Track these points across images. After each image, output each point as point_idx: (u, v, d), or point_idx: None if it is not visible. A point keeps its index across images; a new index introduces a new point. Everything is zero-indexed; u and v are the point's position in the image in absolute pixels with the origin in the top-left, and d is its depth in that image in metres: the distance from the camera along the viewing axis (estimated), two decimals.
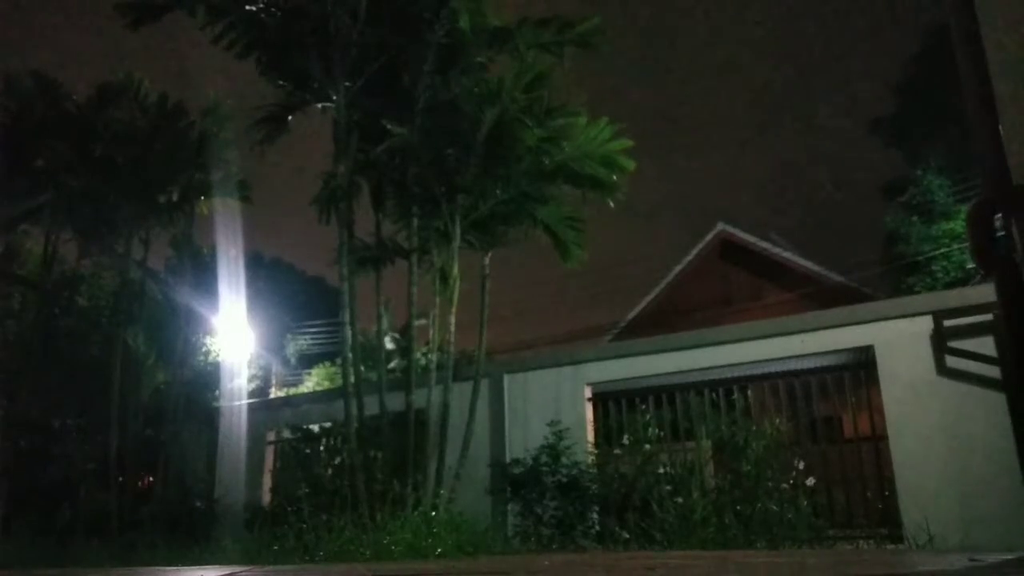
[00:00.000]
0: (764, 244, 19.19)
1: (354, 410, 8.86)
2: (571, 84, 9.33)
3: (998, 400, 6.81)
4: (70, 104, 12.57)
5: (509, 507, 8.57)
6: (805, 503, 6.98)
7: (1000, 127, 1.88)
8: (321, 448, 11.67)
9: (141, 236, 12.65)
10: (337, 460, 10.91)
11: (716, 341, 8.72)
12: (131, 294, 12.31)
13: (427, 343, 10.00)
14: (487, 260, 9.90)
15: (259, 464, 12.01)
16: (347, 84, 9.30)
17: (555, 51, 9.03)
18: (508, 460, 8.80)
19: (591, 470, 8.19)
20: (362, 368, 9.70)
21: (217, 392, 14.21)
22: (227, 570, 5.72)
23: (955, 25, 2.02)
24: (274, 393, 24.24)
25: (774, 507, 6.93)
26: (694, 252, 19.95)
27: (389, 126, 9.74)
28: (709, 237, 19.79)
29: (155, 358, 12.29)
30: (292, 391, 22.77)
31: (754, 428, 7.44)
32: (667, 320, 17.06)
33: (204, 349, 13.88)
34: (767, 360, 8.39)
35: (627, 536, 7.30)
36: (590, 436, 9.03)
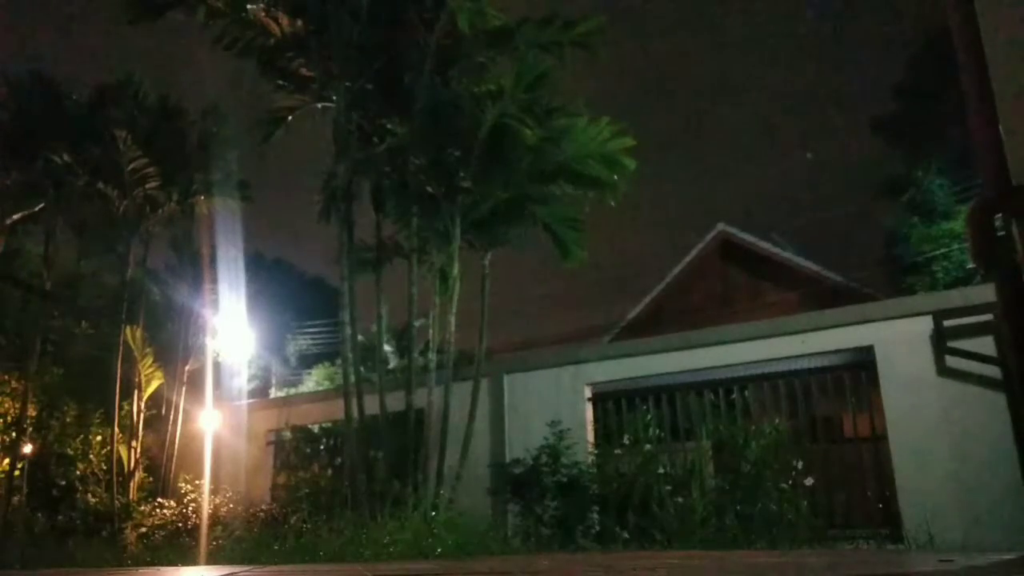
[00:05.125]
0: (764, 244, 19.16)
1: (354, 410, 8.87)
2: (572, 84, 9.33)
3: (998, 400, 6.82)
4: (70, 104, 12.56)
5: (509, 507, 8.57)
6: (805, 503, 6.98)
7: (1000, 127, 1.88)
8: (321, 448, 11.68)
9: (141, 236, 12.64)
10: (337, 460, 10.92)
11: (716, 341, 8.72)
12: (131, 294, 12.30)
13: (427, 343, 10.00)
14: (487, 260, 9.90)
15: (259, 464, 12.01)
16: (347, 84, 9.31)
17: (555, 51, 9.02)
18: (508, 460, 8.80)
19: (591, 470, 8.19)
20: (362, 368, 9.70)
21: (217, 392, 14.18)
22: (227, 570, 5.72)
23: (955, 26, 2.02)
24: (274, 393, 24.22)
25: (774, 507, 6.93)
26: (694, 252, 19.91)
27: (389, 126, 9.75)
28: (709, 237, 19.75)
29: (155, 358, 12.27)
30: (292, 391, 22.75)
31: (754, 428, 7.43)
32: (667, 320, 17.06)
33: (204, 349, 13.86)
34: (767, 360, 8.39)
35: (627, 536, 7.30)
36: (590, 436, 9.03)
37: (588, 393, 9.37)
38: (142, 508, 10.92)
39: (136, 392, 11.88)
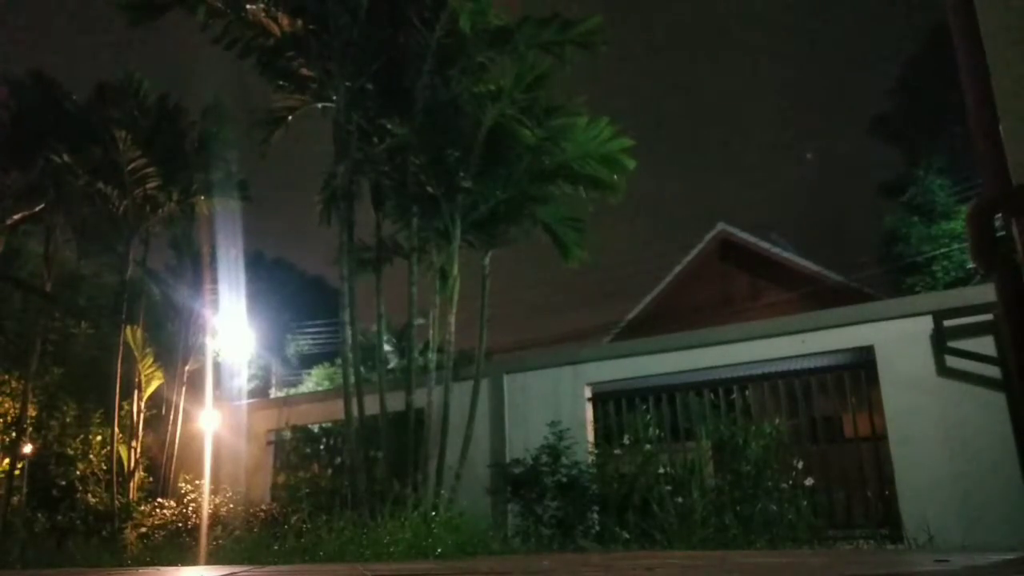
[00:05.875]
0: (764, 244, 19.17)
1: (354, 410, 8.87)
2: (572, 83, 9.33)
3: (998, 400, 6.82)
4: (70, 104, 12.56)
5: (509, 507, 8.57)
6: (805, 503, 6.97)
7: (1000, 127, 1.88)
8: (321, 448, 11.69)
9: (141, 236, 12.64)
10: (337, 460, 10.93)
11: (716, 341, 8.72)
12: (131, 294, 12.30)
13: (427, 343, 10.01)
14: (487, 260, 9.90)
15: (259, 464, 12.01)
16: (347, 84, 9.31)
17: (555, 51, 9.03)
18: (508, 460, 8.80)
19: (591, 470, 8.19)
20: (362, 368, 9.70)
21: (217, 392, 14.20)
22: (227, 570, 5.72)
23: (955, 25, 2.02)
24: (274, 393, 24.21)
25: (774, 507, 6.93)
26: (694, 252, 19.92)
27: (389, 126, 9.75)
28: (709, 237, 19.76)
29: (155, 358, 12.28)
30: (292, 391, 22.75)
31: (754, 428, 7.43)
32: (667, 320, 17.06)
33: (204, 349, 13.90)
34: (767, 360, 8.39)
35: (627, 536, 7.30)
36: (590, 436, 9.03)
37: (588, 393, 9.37)
38: (142, 508, 10.92)
39: (136, 392, 11.88)
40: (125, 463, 11.58)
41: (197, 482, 11.06)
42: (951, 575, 3.20)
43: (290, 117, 10.25)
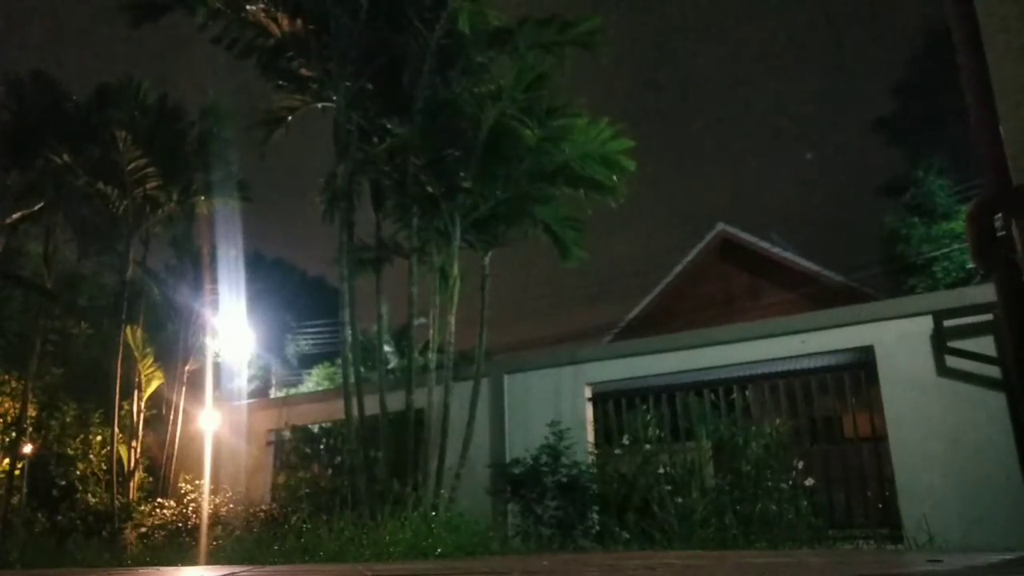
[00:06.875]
0: (764, 244, 19.15)
1: (354, 410, 8.87)
2: (573, 84, 9.33)
3: (998, 400, 6.82)
4: (70, 104, 12.57)
5: (509, 507, 8.57)
6: (805, 503, 6.98)
7: (1000, 127, 1.88)
8: (321, 448, 11.69)
9: (141, 236, 12.64)
10: (337, 460, 10.93)
11: (716, 341, 8.72)
12: (131, 294, 12.30)
13: (427, 343, 10.01)
14: (487, 260, 9.90)
15: (259, 464, 12.01)
16: (347, 84, 9.31)
17: (555, 52, 9.03)
18: (508, 460, 8.80)
19: (591, 470, 8.19)
20: (362, 368, 9.70)
21: (217, 392, 14.18)
22: (227, 570, 5.72)
23: (955, 26, 2.02)
24: (274, 393, 24.21)
25: (774, 507, 6.93)
26: (694, 252, 19.91)
27: (389, 126, 9.75)
28: (709, 237, 19.74)
29: (155, 358, 12.28)
30: (292, 391, 22.75)
31: (754, 428, 7.43)
32: (667, 320, 17.05)
33: (204, 349, 13.90)
34: (767, 360, 8.39)
35: (627, 536, 7.30)
36: (590, 436, 9.03)
37: (588, 393, 9.37)
38: (142, 508, 10.92)
39: (136, 392, 11.88)
40: (125, 463, 11.58)
41: (197, 482, 11.05)
42: (950, 575, 3.20)
43: (290, 117, 10.25)
